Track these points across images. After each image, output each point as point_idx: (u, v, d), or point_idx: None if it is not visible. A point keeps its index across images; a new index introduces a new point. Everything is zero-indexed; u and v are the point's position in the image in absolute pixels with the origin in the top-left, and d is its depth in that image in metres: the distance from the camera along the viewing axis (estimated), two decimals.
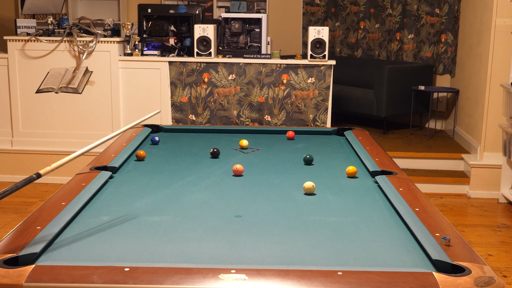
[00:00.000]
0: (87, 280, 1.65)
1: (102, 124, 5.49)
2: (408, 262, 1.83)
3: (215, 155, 3.13)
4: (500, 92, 5.24)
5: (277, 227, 2.13)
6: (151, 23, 5.43)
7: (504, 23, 5.26)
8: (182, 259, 1.84)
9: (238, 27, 5.42)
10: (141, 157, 3.10)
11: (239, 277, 1.66)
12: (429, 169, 5.74)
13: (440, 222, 2.16)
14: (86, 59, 5.41)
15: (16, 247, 1.85)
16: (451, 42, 6.84)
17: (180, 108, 5.40)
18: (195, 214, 2.27)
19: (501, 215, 4.97)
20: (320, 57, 5.22)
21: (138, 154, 3.10)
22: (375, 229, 2.13)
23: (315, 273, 1.69)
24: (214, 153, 3.13)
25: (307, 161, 3.05)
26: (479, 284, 1.63)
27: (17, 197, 5.15)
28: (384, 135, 6.67)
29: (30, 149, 5.53)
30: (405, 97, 6.64)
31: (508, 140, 4.93)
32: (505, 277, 3.73)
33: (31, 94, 5.47)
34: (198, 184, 2.68)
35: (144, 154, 3.11)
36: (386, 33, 7.36)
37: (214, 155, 3.13)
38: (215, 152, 3.13)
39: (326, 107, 5.33)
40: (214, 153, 3.13)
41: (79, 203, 2.29)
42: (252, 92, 5.35)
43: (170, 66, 5.35)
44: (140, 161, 3.08)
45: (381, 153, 3.22)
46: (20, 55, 5.45)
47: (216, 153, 3.14)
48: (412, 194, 2.48)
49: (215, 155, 3.13)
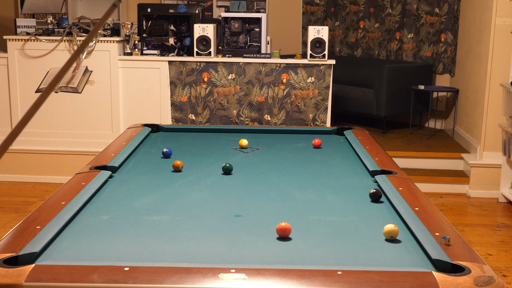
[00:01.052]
0: (86, 280, 1.65)
1: (101, 124, 5.49)
2: (407, 262, 1.83)
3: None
4: (499, 92, 5.24)
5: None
6: (150, 22, 5.43)
7: (503, 22, 5.26)
8: (182, 258, 1.84)
9: (237, 27, 5.42)
10: (178, 168, 2.88)
11: (239, 277, 1.66)
12: (429, 168, 5.74)
13: (439, 221, 2.16)
14: (86, 58, 5.41)
15: (16, 247, 1.85)
16: (450, 41, 6.84)
17: (179, 108, 5.40)
18: (194, 214, 2.27)
19: (500, 214, 4.97)
20: (320, 57, 5.22)
21: (175, 165, 2.87)
22: (374, 228, 2.13)
23: (315, 273, 1.69)
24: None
25: (226, 170, 2.81)
26: (479, 283, 1.63)
27: (17, 197, 5.15)
28: (384, 134, 6.68)
29: (30, 149, 5.53)
30: (405, 96, 6.64)
31: (508, 140, 4.93)
32: (504, 276, 3.73)
33: (30, 93, 5.47)
34: (198, 184, 2.68)
35: (181, 164, 2.89)
36: (385, 33, 7.36)
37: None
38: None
39: (325, 106, 5.33)
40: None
41: (79, 203, 2.29)
42: (252, 91, 5.35)
43: (169, 66, 5.35)
44: (178, 172, 2.87)
45: (381, 152, 3.22)
46: (20, 54, 5.45)
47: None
48: (411, 193, 2.48)
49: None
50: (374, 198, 2.43)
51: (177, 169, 2.87)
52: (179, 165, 2.87)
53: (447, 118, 6.98)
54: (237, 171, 2.91)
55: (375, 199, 2.43)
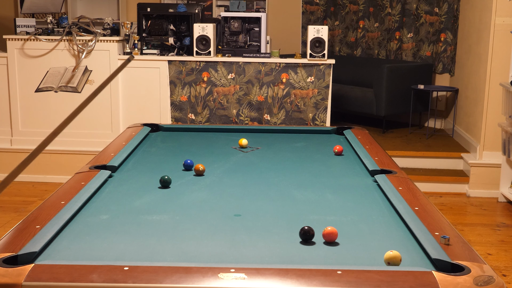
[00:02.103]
0: (86, 279, 1.65)
1: (101, 123, 5.49)
2: (407, 261, 1.83)
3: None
4: (499, 91, 5.24)
5: (277, 226, 2.13)
6: (150, 22, 5.43)
7: (503, 22, 5.26)
8: (181, 258, 1.84)
9: (237, 26, 5.42)
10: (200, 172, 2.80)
11: (239, 276, 1.66)
12: (429, 168, 5.74)
13: (439, 221, 2.16)
14: (86, 58, 5.41)
15: (16, 246, 1.85)
16: (450, 41, 6.84)
17: (179, 107, 5.40)
18: (194, 213, 2.27)
19: (500, 214, 4.97)
20: (320, 56, 5.21)
21: (197, 168, 2.80)
22: (374, 228, 2.13)
23: (315, 272, 1.69)
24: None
25: (163, 183, 2.61)
26: (479, 283, 1.63)
27: (16, 196, 5.15)
28: (384, 134, 6.67)
29: (30, 148, 5.52)
30: (405, 96, 6.64)
31: (508, 139, 4.93)
32: (504, 276, 3.73)
33: (30, 93, 5.47)
34: (197, 183, 2.68)
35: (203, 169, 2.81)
36: (385, 32, 7.35)
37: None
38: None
39: (325, 106, 5.32)
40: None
41: (79, 202, 2.29)
42: (252, 91, 5.34)
43: (169, 65, 5.35)
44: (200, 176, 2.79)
45: (381, 152, 3.22)
46: (20, 54, 5.45)
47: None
48: (411, 193, 2.48)
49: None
50: (304, 238, 1.99)
51: (199, 173, 2.80)
52: (201, 170, 2.79)
53: (446, 118, 6.98)
54: (236, 170, 2.91)
55: (305, 238, 1.99)
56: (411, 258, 1.86)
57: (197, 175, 2.81)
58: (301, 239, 1.99)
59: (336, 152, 3.28)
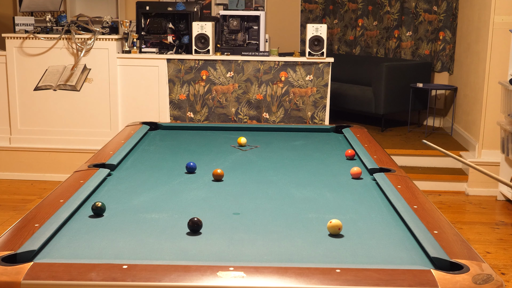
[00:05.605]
0: (85, 278, 1.65)
1: (100, 122, 5.49)
2: (406, 260, 1.83)
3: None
4: (498, 90, 5.24)
5: (275, 225, 2.13)
6: (149, 20, 5.42)
7: (502, 20, 5.26)
8: (180, 256, 1.84)
9: (236, 25, 5.41)
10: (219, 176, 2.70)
11: (237, 275, 1.66)
12: (427, 166, 5.74)
13: (438, 219, 2.16)
14: (84, 56, 5.41)
15: (14, 245, 1.85)
16: (449, 39, 6.84)
17: (178, 106, 5.40)
18: (193, 212, 2.26)
19: (499, 212, 4.97)
20: (318, 55, 5.21)
21: (215, 173, 2.70)
22: (373, 226, 2.13)
23: (313, 271, 1.69)
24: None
25: (96, 210, 2.22)
26: (477, 281, 1.63)
27: (15, 195, 5.15)
28: (382, 132, 6.68)
29: (29, 147, 5.53)
30: (403, 94, 6.64)
31: (506, 138, 4.93)
32: (503, 274, 3.73)
33: (29, 91, 5.47)
34: (196, 182, 2.68)
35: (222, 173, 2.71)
36: (384, 31, 7.35)
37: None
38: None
39: (324, 104, 5.32)
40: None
41: (77, 201, 2.29)
42: (250, 89, 5.34)
43: (168, 64, 5.35)
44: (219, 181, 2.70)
45: (379, 150, 3.22)
46: (18, 52, 5.45)
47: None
48: (410, 191, 2.48)
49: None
50: (192, 229, 2.02)
51: (217, 177, 2.69)
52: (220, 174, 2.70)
53: (445, 116, 6.99)
54: (235, 169, 2.91)
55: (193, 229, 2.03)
56: (410, 257, 1.86)
57: (215, 180, 2.70)
58: (189, 230, 2.04)
59: (348, 157, 3.10)
